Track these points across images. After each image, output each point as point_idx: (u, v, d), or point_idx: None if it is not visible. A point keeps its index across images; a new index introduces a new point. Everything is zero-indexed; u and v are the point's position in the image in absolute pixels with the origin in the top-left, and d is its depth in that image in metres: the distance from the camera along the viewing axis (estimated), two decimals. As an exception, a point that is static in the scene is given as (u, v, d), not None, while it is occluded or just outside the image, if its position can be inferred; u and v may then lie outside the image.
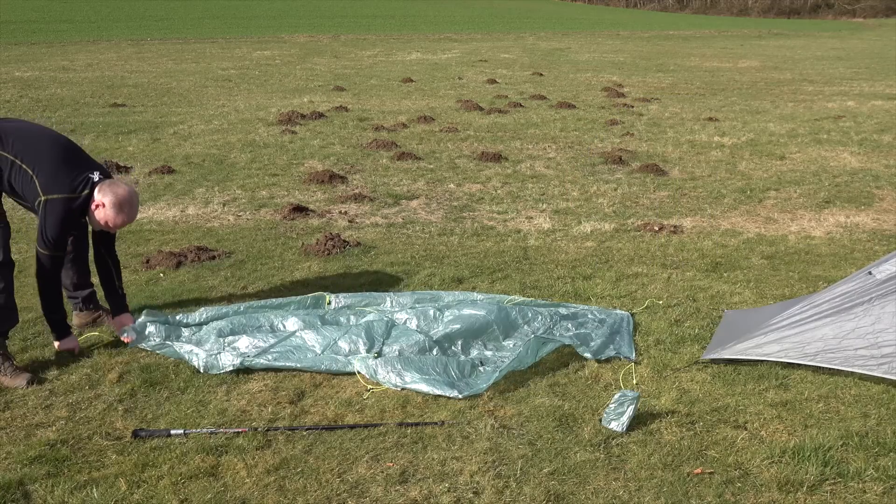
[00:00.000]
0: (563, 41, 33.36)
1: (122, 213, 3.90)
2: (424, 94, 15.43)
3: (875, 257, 5.72)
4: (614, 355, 4.14)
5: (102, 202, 3.86)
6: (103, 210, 3.87)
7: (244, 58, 22.34)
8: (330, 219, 6.84)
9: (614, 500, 2.98)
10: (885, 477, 3.10)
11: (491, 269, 5.55)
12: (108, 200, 3.85)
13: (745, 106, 14.59)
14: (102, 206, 3.87)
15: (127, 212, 3.92)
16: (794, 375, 3.92)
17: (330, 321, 4.42)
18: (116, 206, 3.87)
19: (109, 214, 3.88)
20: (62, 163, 3.89)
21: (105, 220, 3.91)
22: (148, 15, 39.94)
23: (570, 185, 8.19)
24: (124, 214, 3.91)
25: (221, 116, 12.20)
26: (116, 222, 3.93)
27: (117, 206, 3.87)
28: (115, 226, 3.96)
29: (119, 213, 3.89)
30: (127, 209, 3.91)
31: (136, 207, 4.01)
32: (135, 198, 3.97)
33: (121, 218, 3.91)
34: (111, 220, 3.91)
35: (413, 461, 3.20)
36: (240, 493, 2.98)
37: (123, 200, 3.88)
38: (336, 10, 49.37)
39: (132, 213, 3.97)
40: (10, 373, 3.83)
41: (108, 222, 3.93)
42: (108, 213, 3.88)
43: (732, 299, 5.02)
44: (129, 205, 3.92)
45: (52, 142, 3.99)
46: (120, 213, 3.89)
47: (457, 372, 3.86)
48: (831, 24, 58.13)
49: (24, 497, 2.94)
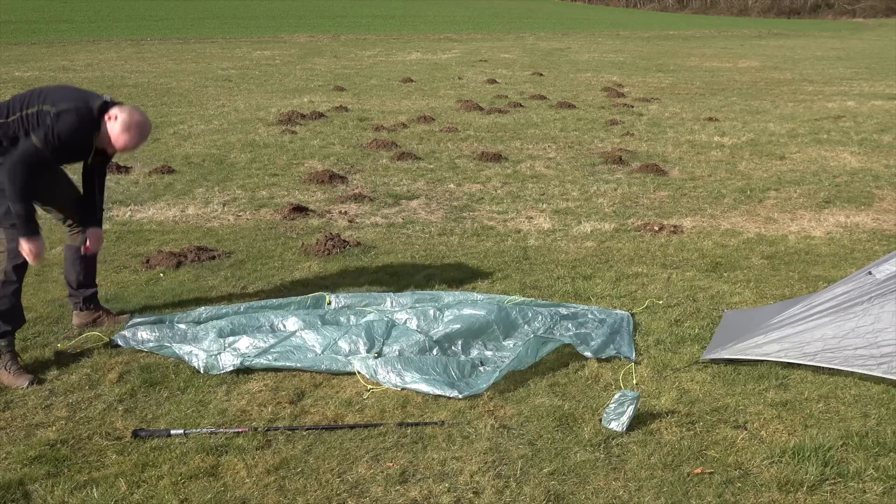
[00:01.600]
0: (563, 41, 33.36)
1: (127, 134, 3.87)
2: (424, 94, 15.43)
3: (875, 257, 5.72)
4: (614, 355, 4.14)
5: (116, 115, 3.86)
6: (113, 123, 3.86)
7: (244, 58, 22.34)
8: (330, 219, 6.85)
9: (614, 500, 2.98)
10: (885, 477, 3.10)
11: (491, 269, 5.55)
12: (123, 116, 3.86)
13: (745, 106, 14.59)
14: (114, 119, 3.86)
15: (132, 135, 3.89)
16: (794, 375, 3.92)
17: (330, 321, 4.42)
18: (125, 124, 3.86)
19: (116, 130, 3.86)
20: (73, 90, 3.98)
21: (111, 134, 3.88)
22: (148, 15, 39.94)
23: (570, 185, 8.19)
24: (128, 135, 3.88)
25: (221, 116, 12.20)
26: (119, 141, 3.90)
27: (125, 124, 3.86)
28: (117, 145, 3.92)
29: (124, 132, 3.87)
30: (134, 131, 3.88)
31: (144, 136, 3.97)
32: (146, 127, 3.96)
33: (123, 138, 3.88)
34: (115, 136, 3.88)
35: (413, 461, 3.20)
36: (240, 493, 2.98)
37: (134, 122, 3.88)
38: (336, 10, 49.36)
39: (138, 138, 3.93)
40: (14, 372, 3.85)
41: (113, 139, 3.89)
42: (115, 129, 3.86)
43: (732, 299, 5.02)
44: (138, 129, 3.90)
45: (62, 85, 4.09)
46: (125, 132, 3.87)
47: (457, 372, 3.86)
48: (831, 24, 58.13)
49: (24, 497, 2.94)
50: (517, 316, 4.39)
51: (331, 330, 4.20)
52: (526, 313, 4.42)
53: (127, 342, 4.18)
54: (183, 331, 4.26)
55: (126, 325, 4.35)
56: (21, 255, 3.86)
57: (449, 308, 4.44)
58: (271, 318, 4.39)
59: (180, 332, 4.26)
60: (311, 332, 4.18)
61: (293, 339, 4.13)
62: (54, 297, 4.87)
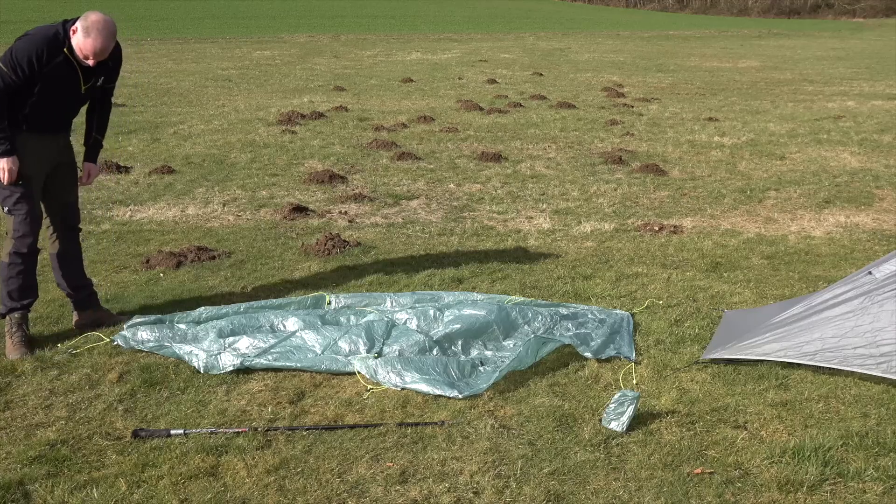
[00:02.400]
0: (563, 41, 33.37)
1: (90, 38, 3.86)
2: (424, 94, 15.43)
3: (875, 257, 5.72)
4: (614, 355, 4.14)
5: (76, 27, 3.87)
6: (77, 35, 3.87)
7: (244, 58, 22.35)
8: (330, 219, 6.84)
9: (614, 500, 2.98)
10: (885, 477, 3.10)
11: (491, 269, 5.55)
12: (81, 24, 3.86)
13: (745, 106, 14.59)
14: (75, 32, 3.88)
15: (94, 36, 3.86)
16: (794, 375, 3.92)
17: (330, 321, 4.42)
18: (84, 30, 3.86)
19: (80, 38, 3.87)
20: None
21: (78, 45, 3.89)
22: (148, 15, 39.94)
23: (570, 185, 8.19)
24: (91, 40, 3.86)
25: (221, 116, 12.20)
26: (86, 47, 3.88)
27: (84, 30, 3.86)
28: (87, 51, 3.90)
29: (87, 37, 3.86)
30: (94, 33, 3.86)
31: (109, 33, 3.93)
32: (105, 23, 3.91)
33: (90, 43, 3.87)
34: (82, 45, 3.88)
35: (413, 461, 3.20)
36: (240, 493, 2.98)
37: (92, 25, 3.86)
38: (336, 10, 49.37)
39: (103, 38, 3.89)
40: (15, 342, 4.08)
41: (82, 48, 3.89)
42: (80, 38, 3.87)
43: (732, 299, 5.02)
44: (98, 29, 3.88)
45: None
46: (88, 38, 3.86)
47: (457, 372, 3.86)
48: (831, 24, 58.13)
49: (24, 497, 2.94)
50: (517, 316, 4.39)
51: (331, 330, 4.19)
52: (526, 313, 4.42)
53: (127, 342, 4.18)
54: (183, 331, 4.26)
55: (126, 325, 4.35)
56: (25, 243, 4.06)
57: (449, 308, 4.44)
58: (271, 318, 4.39)
59: (180, 332, 4.26)
60: (311, 332, 4.18)
61: (293, 339, 4.13)
62: (54, 297, 4.87)
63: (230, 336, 4.18)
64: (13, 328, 4.14)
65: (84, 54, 3.92)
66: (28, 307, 4.23)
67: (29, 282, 4.21)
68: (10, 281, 4.15)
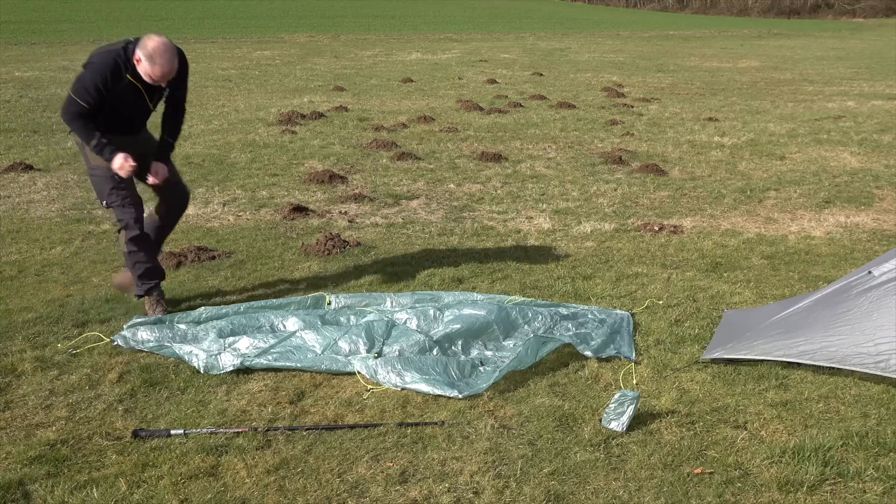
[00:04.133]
0: (563, 41, 33.36)
1: (156, 65, 4.10)
2: (424, 94, 15.43)
3: (875, 257, 5.71)
4: (614, 355, 4.14)
5: (139, 56, 4.10)
6: (141, 64, 4.11)
7: (244, 58, 22.34)
8: (330, 219, 6.84)
9: (614, 500, 2.98)
10: (885, 477, 3.10)
11: (491, 269, 5.55)
12: (141, 52, 4.09)
13: (745, 106, 14.59)
14: (139, 61, 4.11)
15: (160, 62, 4.09)
16: (794, 375, 3.92)
17: (330, 321, 4.42)
18: (149, 58, 4.08)
19: (146, 67, 4.11)
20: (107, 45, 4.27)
21: (147, 73, 4.14)
22: (148, 15, 39.94)
23: (570, 185, 8.19)
24: (158, 66, 4.10)
25: (221, 116, 12.20)
26: (155, 74, 4.13)
27: (149, 58, 4.08)
28: (156, 77, 4.15)
29: (153, 65, 4.10)
30: (159, 60, 4.09)
31: (171, 57, 4.14)
32: (167, 48, 4.11)
33: (157, 69, 4.11)
34: (149, 72, 4.12)
35: (413, 461, 3.20)
36: (240, 493, 2.98)
37: (153, 51, 4.07)
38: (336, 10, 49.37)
39: (166, 63, 4.12)
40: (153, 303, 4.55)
41: (153, 77, 4.14)
42: (145, 66, 4.11)
43: (732, 299, 5.02)
44: (160, 54, 4.09)
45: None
46: (154, 65, 4.09)
47: (457, 372, 3.86)
48: (831, 24, 58.12)
49: (24, 497, 2.94)
50: (517, 316, 4.39)
51: (331, 330, 4.19)
52: (526, 313, 4.42)
53: (127, 342, 4.18)
54: (183, 331, 4.26)
55: (126, 325, 4.34)
56: (134, 227, 4.45)
57: (449, 308, 4.44)
58: (271, 319, 4.39)
59: (180, 332, 4.26)
60: (311, 332, 4.18)
61: (293, 339, 4.13)
62: (54, 297, 4.87)
63: (230, 336, 4.18)
64: (154, 306, 4.55)
65: (154, 80, 4.17)
66: (159, 285, 4.64)
67: (152, 262, 4.60)
68: (136, 266, 4.55)
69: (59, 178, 8.11)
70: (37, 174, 8.24)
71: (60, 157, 9.01)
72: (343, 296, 4.83)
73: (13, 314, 4.59)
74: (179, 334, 4.23)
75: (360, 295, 4.87)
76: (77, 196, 7.42)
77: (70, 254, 5.76)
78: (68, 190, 7.64)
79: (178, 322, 4.40)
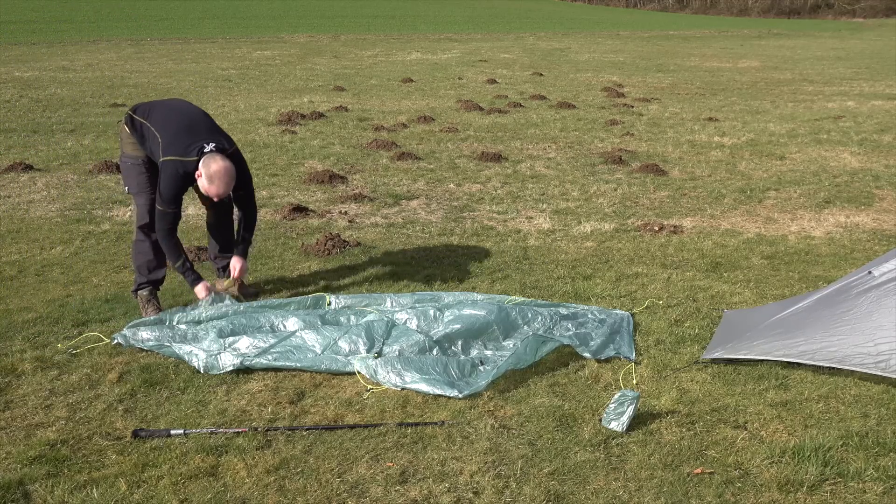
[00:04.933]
0: (563, 41, 33.36)
1: (213, 185, 4.34)
2: (424, 94, 15.43)
3: (875, 257, 5.71)
4: (614, 355, 4.14)
5: (200, 172, 4.33)
6: (200, 180, 4.35)
7: (244, 58, 22.34)
8: (330, 219, 6.84)
9: (614, 500, 2.98)
10: (885, 477, 3.10)
11: (491, 269, 5.55)
12: (204, 171, 4.32)
13: (745, 106, 14.59)
14: (199, 177, 4.35)
15: (217, 184, 4.33)
16: (794, 375, 3.92)
17: (330, 321, 4.42)
18: (208, 179, 4.32)
19: (204, 185, 4.35)
20: (184, 130, 4.43)
21: (204, 189, 4.38)
22: (148, 15, 39.96)
23: (570, 185, 8.19)
24: (214, 187, 4.34)
25: (221, 116, 12.19)
26: (210, 192, 4.38)
27: (209, 179, 4.32)
28: (213, 196, 4.41)
29: (211, 185, 4.34)
30: (217, 182, 4.33)
31: (228, 182, 4.37)
32: (226, 173, 4.34)
33: (213, 189, 4.35)
34: (206, 189, 4.37)
35: (413, 461, 3.20)
36: (240, 493, 2.98)
37: (213, 174, 4.31)
38: (336, 10, 49.38)
39: (222, 186, 4.36)
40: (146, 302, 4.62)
41: (208, 193, 4.39)
42: (204, 184, 4.35)
43: (732, 299, 5.02)
44: (219, 178, 4.32)
45: (183, 113, 4.61)
46: (211, 185, 4.34)
47: (457, 372, 3.86)
48: (831, 24, 58.12)
49: (24, 497, 2.94)
50: (517, 316, 4.39)
51: (331, 330, 4.19)
52: (526, 313, 4.42)
53: (127, 342, 4.18)
54: (183, 331, 4.26)
55: (126, 325, 4.34)
56: (146, 215, 4.55)
57: (449, 308, 4.44)
58: (271, 318, 4.39)
59: (180, 332, 4.26)
60: (311, 332, 4.18)
61: (293, 339, 4.13)
62: (54, 297, 4.87)
63: (230, 336, 4.18)
64: (146, 304, 4.63)
65: (209, 195, 4.43)
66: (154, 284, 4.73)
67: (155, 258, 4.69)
68: (137, 257, 4.68)
69: (59, 178, 8.11)
70: (37, 174, 8.24)
71: (60, 157, 9.01)
72: (343, 296, 4.83)
73: (13, 314, 4.59)
74: (179, 334, 4.23)
75: (360, 295, 4.87)
76: (77, 196, 7.42)
77: (70, 254, 5.76)
78: (68, 190, 7.64)
79: (179, 322, 4.40)
